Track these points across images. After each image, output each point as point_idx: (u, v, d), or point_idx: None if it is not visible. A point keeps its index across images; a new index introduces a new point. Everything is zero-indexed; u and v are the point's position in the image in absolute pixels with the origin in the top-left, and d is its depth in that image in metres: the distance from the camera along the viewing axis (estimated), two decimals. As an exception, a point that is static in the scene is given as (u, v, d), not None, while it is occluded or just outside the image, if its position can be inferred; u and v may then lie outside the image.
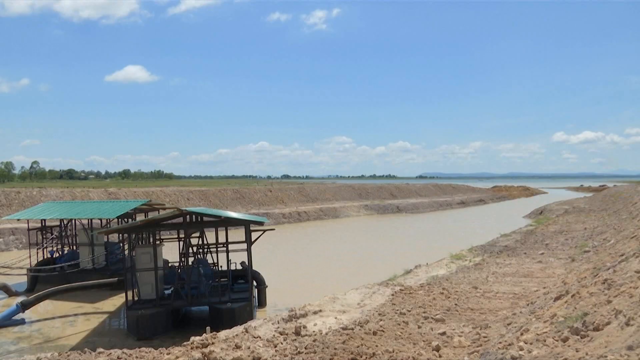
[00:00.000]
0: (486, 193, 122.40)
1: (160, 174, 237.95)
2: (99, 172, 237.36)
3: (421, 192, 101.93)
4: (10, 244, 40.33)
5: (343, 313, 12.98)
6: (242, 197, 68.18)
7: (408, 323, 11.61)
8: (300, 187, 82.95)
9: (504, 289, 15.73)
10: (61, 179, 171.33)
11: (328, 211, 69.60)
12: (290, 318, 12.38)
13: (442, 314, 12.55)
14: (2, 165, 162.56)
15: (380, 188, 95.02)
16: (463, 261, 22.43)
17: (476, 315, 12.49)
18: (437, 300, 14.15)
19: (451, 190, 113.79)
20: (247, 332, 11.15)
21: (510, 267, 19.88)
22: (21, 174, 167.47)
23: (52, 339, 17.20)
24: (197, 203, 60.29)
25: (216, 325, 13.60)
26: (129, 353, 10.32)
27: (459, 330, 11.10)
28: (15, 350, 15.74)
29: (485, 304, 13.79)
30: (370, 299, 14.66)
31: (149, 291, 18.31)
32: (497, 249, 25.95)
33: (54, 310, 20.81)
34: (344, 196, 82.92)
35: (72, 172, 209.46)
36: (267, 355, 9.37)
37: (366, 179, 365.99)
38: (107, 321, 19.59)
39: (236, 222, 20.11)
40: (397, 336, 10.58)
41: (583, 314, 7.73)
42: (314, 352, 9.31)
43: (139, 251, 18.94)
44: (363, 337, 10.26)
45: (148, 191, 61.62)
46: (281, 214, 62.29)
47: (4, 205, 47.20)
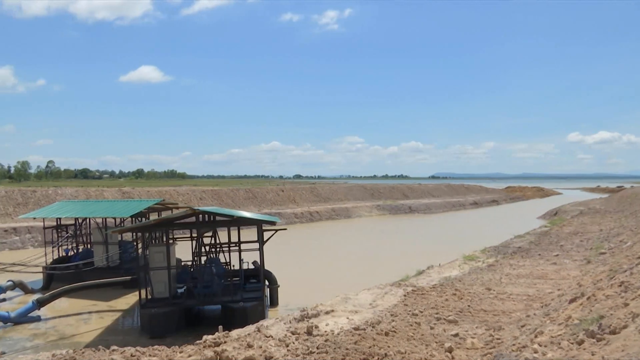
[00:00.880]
0: (499, 194, 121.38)
1: (173, 173, 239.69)
2: (113, 171, 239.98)
3: (433, 192, 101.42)
4: (27, 242, 40.91)
5: (355, 313, 12.95)
6: (255, 197, 68.40)
7: (420, 324, 11.55)
8: (312, 187, 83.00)
9: (518, 290, 15.58)
10: (76, 178, 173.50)
11: (340, 211, 69.53)
12: (302, 318, 12.38)
13: (455, 315, 12.46)
14: (19, 164, 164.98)
15: (392, 188, 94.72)
16: (476, 262, 22.26)
17: (489, 317, 12.38)
18: (449, 302, 14.05)
19: (464, 191, 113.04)
20: (259, 332, 11.17)
21: (524, 269, 19.68)
22: (37, 173, 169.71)
23: (67, 336, 17.40)
24: (210, 203, 60.60)
25: (228, 325, 13.64)
26: (142, 351, 10.40)
27: (471, 331, 11.01)
28: (31, 347, 15.95)
29: (499, 305, 13.67)
30: (382, 300, 14.61)
31: (162, 290, 18.43)
32: (511, 250, 25.71)
33: (69, 308, 21.05)
34: (355, 196, 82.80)
35: (87, 172, 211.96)
36: (279, 354, 9.38)
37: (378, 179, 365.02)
38: (120, 319, 19.77)
39: (248, 222, 20.17)
40: (409, 337, 10.53)
41: (599, 317, 7.62)
42: (326, 352, 9.29)
43: (153, 250, 19.08)
44: (375, 338, 10.22)
45: (161, 190, 62.10)
46: (293, 214, 62.37)
47: (21, 204, 47.88)
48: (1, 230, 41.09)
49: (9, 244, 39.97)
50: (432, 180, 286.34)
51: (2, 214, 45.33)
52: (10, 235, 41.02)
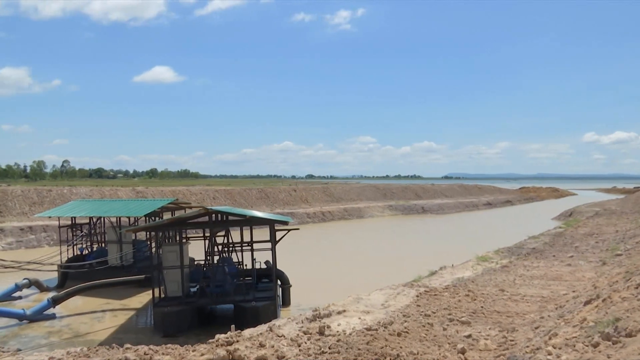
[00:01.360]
0: (513, 194, 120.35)
1: (186, 173, 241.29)
2: (127, 171, 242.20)
3: (446, 192, 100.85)
4: (42, 241, 41.47)
5: (367, 314, 12.91)
6: (267, 197, 68.60)
7: (433, 325, 11.48)
8: (324, 187, 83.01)
9: (532, 292, 15.42)
10: (90, 178, 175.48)
11: (352, 211, 69.44)
12: (314, 318, 12.38)
13: (468, 316, 12.37)
14: (35, 164, 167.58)
15: (405, 188, 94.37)
16: (489, 263, 22.09)
17: (503, 318, 12.27)
18: (462, 303, 13.96)
19: (477, 191, 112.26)
20: (271, 331, 11.19)
21: (538, 270, 19.47)
22: (52, 172, 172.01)
23: (81, 334, 17.59)
24: (223, 202, 60.90)
25: (240, 324, 13.70)
26: (155, 349, 10.47)
27: (485, 333, 10.92)
28: (45, 344, 16.16)
29: (512, 307, 13.54)
30: (394, 300, 14.55)
31: (175, 289, 18.55)
32: (525, 251, 25.47)
33: (83, 306, 21.29)
34: (368, 196, 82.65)
35: (101, 171, 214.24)
36: (291, 354, 9.39)
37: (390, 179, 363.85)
38: (134, 318, 19.94)
39: (261, 222, 20.22)
40: (421, 338, 10.47)
41: (615, 320, 7.51)
42: (338, 353, 9.28)
43: (166, 249, 19.21)
44: (387, 338, 10.19)
45: (175, 190, 62.55)
46: (305, 214, 62.42)
47: (36, 202, 48.55)
48: (17, 229, 41.71)
49: (25, 243, 40.56)
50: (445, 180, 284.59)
51: (19, 213, 46.01)
52: (26, 234, 41.62)
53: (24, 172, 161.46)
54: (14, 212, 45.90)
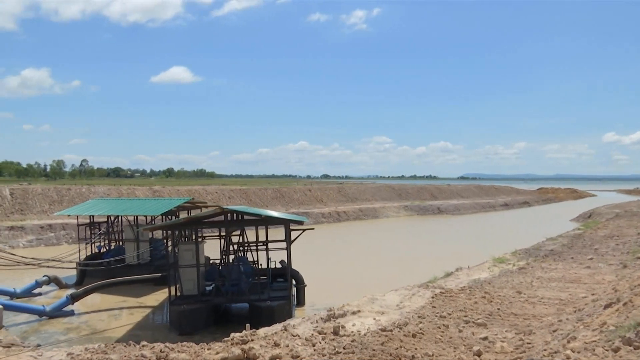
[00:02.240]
0: (531, 195, 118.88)
1: (202, 172, 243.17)
2: (144, 170, 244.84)
3: (463, 193, 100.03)
4: (61, 239, 42.13)
5: (382, 314, 12.86)
6: (282, 197, 68.77)
7: (448, 326, 11.39)
8: (339, 187, 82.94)
9: (550, 294, 15.20)
10: (108, 177, 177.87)
11: (367, 211, 69.27)
12: (329, 317, 12.37)
13: (484, 318, 12.24)
14: (54, 163, 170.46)
15: (420, 189, 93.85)
16: (506, 265, 21.84)
17: (520, 321, 12.12)
18: (478, 304, 13.82)
19: (494, 192, 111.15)
20: (286, 330, 11.21)
21: (556, 272, 19.20)
22: (71, 171, 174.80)
23: (99, 330, 17.82)
24: (238, 202, 61.21)
25: (255, 323, 13.74)
26: (171, 347, 10.56)
27: (501, 335, 10.79)
28: (64, 340, 16.41)
29: (530, 309, 13.37)
30: (409, 301, 14.47)
31: (190, 287, 18.68)
32: (543, 253, 25.13)
33: (101, 304, 21.57)
34: (383, 196, 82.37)
35: (119, 170, 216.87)
36: (305, 354, 9.39)
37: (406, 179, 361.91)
38: (150, 315, 20.14)
39: (276, 221, 20.26)
40: (437, 340, 10.39)
41: (637, 324, 7.36)
42: (352, 353, 9.25)
43: (182, 248, 19.36)
44: (402, 340, 10.13)
45: (191, 189, 63.06)
46: (320, 214, 62.44)
47: (56, 201, 49.34)
48: (38, 227, 42.45)
49: (44, 240, 41.25)
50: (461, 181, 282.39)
51: (39, 211, 46.82)
52: (46, 232, 42.33)
53: (44, 171, 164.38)
54: (34, 211, 46.72)
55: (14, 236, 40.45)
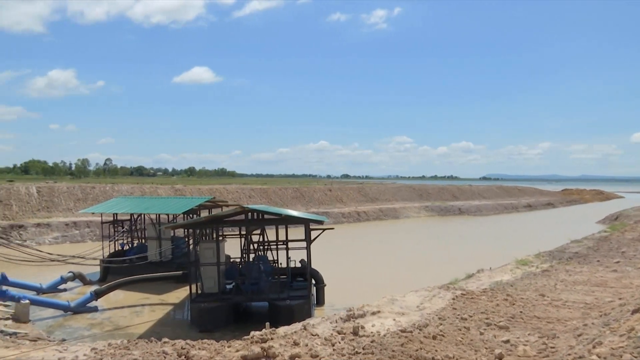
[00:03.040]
0: (555, 196, 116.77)
1: (223, 171, 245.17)
2: (167, 169, 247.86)
3: (485, 194, 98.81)
4: (86, 236, 42.96)
5: (402, 315, 12.77)
6: (302, 196, 68.90)
7: (469, 329, 11.25)
8: (359, 187, 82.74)
9: (574, 297, 14.89)
10: (132, 176, 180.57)
11: (388, 211, 68.94)
12: (349, 318, 12.33)
13: (506, 321, 12.06)
14: (79, 161, 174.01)
15: (441, 189, 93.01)
16: (529, 267, 21.48)
17: (543, 324, 11.90)
18: (500, 307, 13.61)
19: (517, 193, 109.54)
20: (305, 330, 11.21)
21: (581, 275, 18.80)
22: (96, 170, 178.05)
23: (121, 326, 18.11)
24: (259, 201, 61.55)
25: (275, 322, 13.79)
26: (192, 344, 10.66)
27: (524, 338, 10.61)
28: (88, 335, 16.72)
29: (553, 312, 13.11)
30: (430, 302, 14.34)
31: (211, 285, 18.85)
32: (567, 256, 24.64)
33: (123, 300, 21.92)
34: (404, 197, 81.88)
35: (142, 169, 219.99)
36: (324, 353, 9.37)
37: (427, 179, 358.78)
38: (171, 313, 20.39)
39: (296, 221, 20.30)
40: (457, 342, 10.27)
41: (665, 329, 7.15)
42: (372, 354, 9.21)
43: (203, 246, 19.54)
44: (422, 341, 10.04)
45: (212, 188, 63.66)
46: (340, 214, 62.37)
47: (80, 199, 50.33)
48: (63, 224, 43.37)
49: (69, 237, 42.13)
50: (483, 181, 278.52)
51: (64, 209, 47.82)
52: (71, 229, 43.22)
53: (69, 169, 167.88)
54: (59, 208, 47.73)
55: (41, 233, 41.41)
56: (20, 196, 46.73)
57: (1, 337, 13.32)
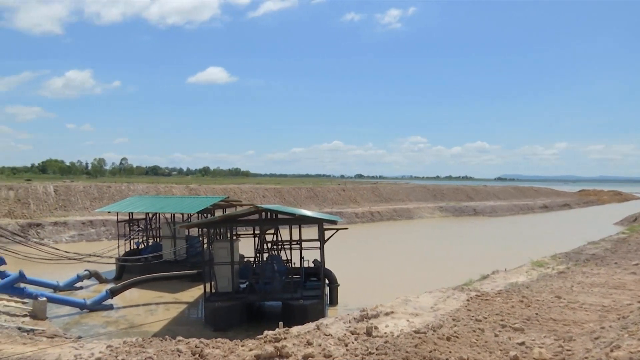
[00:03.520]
0: (572, 197, 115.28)
1: (237, 171, 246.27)
2: (181, 169, 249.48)
3: (500, 194, 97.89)
4: (102, 235, 43.48)
5: (415, 316, 12.70)
6: (316, 196, 68.93)
7: (484, 330, 11.15)
8: (373, 187, 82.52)
9: (591, 300, 14.67)
10: (147, 175, 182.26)
11: (401, 212, 68.67)
12: (362, 318, 12.30)
13: (522, 323, 11.93)
14: (95, 161, 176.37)
15: (456, 189, 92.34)
16: (545, 269, 21.22)
17: (559, 327, 11.75)
18: (515, 309, 13.47)
19: (533, 194, 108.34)
20: (318, 330, 11.21)
21: (598, 277, 18.52)
22: (111, 169, 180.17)
23: (136, 325, 18.29)
24: (272, 201, 61.72)
25: (288, 321, 13.81)
26: (206, 343, 10.72)
27: (539, 341, 10.49)
28: (104, 333, 16.92)
29: (570, 315, 12.94)
30: (444, 304, 14.24)
31: (225, 284, 18.93)
32: (584, 257, 24.30)
33: (138, 299, 22.13)
34: (417, 197, 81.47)
35: (157, 169, 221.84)
36: (338, 353, 9.36)
37: (441, 179, 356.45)
38: (185, 311, 20.53)
39: (310, 221, 20.31)
40: (472, 343, 10.19)
41: (685, 333, 7.02)
42: (385, 354, 9.17)
43: (217, 245, 19.64)
44: (436, 342, 9.98)
45: (226, 188, 63.99)
46: (354, 214, 62.28)
47: (97, 198, 50.95)
48: (79, 223, 43.94)
49: (86, 236, 42.67)
50: (498, 182, 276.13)
51: (80, 208, 48.44)
52: (87, 228, 43.78)
53: (85, 169, 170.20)
54: (76, 207, 48.36)
55: (58, 231, 42.01)
56: (38, 195, 47.46)
57: (19, 333, 13.53)
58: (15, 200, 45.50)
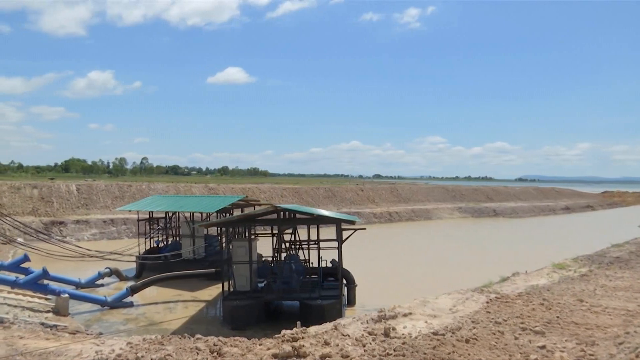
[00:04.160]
0: (595, 199, 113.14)
1: (255, 171, 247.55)
2: (200, 168, 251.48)
3: (521, 195, 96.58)
4: (122, 233, 44.12)
5: (434, 317, 12.59)
6: (334, 196, 68.90)
7: (504, 333, 11.00)
8: (391, 187, 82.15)
9: (615, 304, 14.36)
10: (167, 174, 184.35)
11: (420, 212, 68.22)
12: (380, 319, 12.23)
13: (542, 326, 11.73)
14: (117, 160, 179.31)
15: (475, 190, 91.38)
16: (567, 271, 20.85)
17: (581, 331, 11.52)
18: (536, 311, 13.26)
19: (555, 195, 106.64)
20: (336, 330, 11.19)
21: (622, 281, 18.12)
22: (132, 168, 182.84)
23: (155, 322, 18.50)
24: (290, 200, 61.87)
25: (305, 321, 13.80)
26: (224, 341, 10.78)
27: (560, 345, 10.30)
28: (124, 330, 17.16)
29: (592, 319, 12.68)
30: (463, 305, 14.09)
31: (243, 283, 19.03)
32: (607, 260, 23.80)
33: (157, 296, 22.38)
34: (436, 197, 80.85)
35: (177, 168, 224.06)
36: (355, 354, 9.33)
37: (460, 180, 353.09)
38: (204, 309, 20.69)
39: (328, 220, 20.30)
40: (491, 346, 10.05)
41: None
42: (403, 356, 9.11)
43: (236, 244, 19.76)
44: (455, 344, 9.88)
45: (244, 187, 64.36)
46: (372, 214, 62.09)
47: (118, 197, 51.71)
48: (101, 221, 44.67)
49: (107, 234, 43.35)
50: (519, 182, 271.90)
51: (102, 206, 49.23)
52: (108, 226, 44.47)
53: (107, 168, 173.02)
54: (98, 205, 49.16)
55: (79, 229, 42.76)
56: (60, 193, 48.37)
57: (42, 329, 13.80)
58: (39, 198, 46.45)
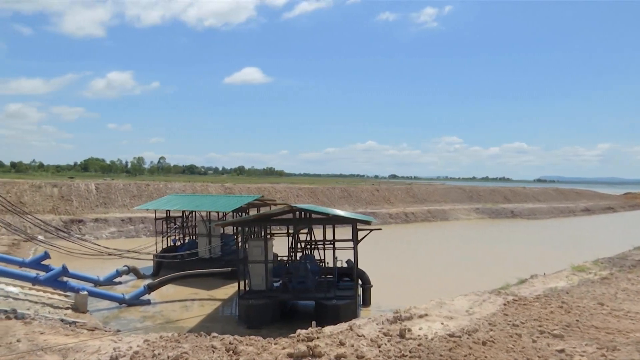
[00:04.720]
0: (616, 200, 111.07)
1: (271, 171, 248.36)
2: (217, 167, 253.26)
3: (539, 196, 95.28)
4: (140, 232, 44.61)
5: (450, 319, 12.48)
6: (350, 196, 68.77)
7: (521, 336, 10.85)
8: (407, 188, 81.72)
9: (637, 308, 14.06)
10: (184, 174, 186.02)
11: (436, 213, 67.73)
12: (395, 320, 12.17)
13: (561, 329, 11.54)
14: (135, 160, 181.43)
15: (492, 191, 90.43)
16: (587, 274, 20.49)
17: (602, 335, 11.30)
18: (555, 315, 13.05)
19: (574, 196, 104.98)
20: (351, 330, 11.16)
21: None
22: (150, 168, 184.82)
23: (172, 320, 18.66)
24: (306, 200, 61.92)
25: (320, 321, 13.79)
26: (240, 340, 10.83)
27: (580, 349, 10.12)
28: (141, 327, 17.34)
29: (613, 323, 12.44)
30: (479, 307, 13.94)
31: (259, 282, 19.09)
32: (629, 263, 23.34)
33: (174, 295, 22.57)
34: (453, 198, 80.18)
35: (193, 168, 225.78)
36: (370, 354, 9.29)
37: (478, 181, 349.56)
38: (220, 308, 20.81)
39: (343, 221, 20.25)
40: (508, 349, 9.92)
41: None
42: (419, 357, 9.05)
43: (251, 244, 19.83)
44: (471, 347, 9.77)
45: (260, 187, 64.62)
46: (388, 214, 61.82)
47: (136, 196, 52.31)
48: (119, 220, 45.24)
49: (125, 233, 43.88)
50: (537, 183, 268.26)
51: (120, 205, 49.85)
52: (126, 225, 45.02)
53: (125, 167, 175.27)
54: (116, 204, 49.80)
55: (98, 228, 43.36)
56: (80, 192, 49.11)
57: (62, 325, 14.01)
58: (59, 197, 47.22)
